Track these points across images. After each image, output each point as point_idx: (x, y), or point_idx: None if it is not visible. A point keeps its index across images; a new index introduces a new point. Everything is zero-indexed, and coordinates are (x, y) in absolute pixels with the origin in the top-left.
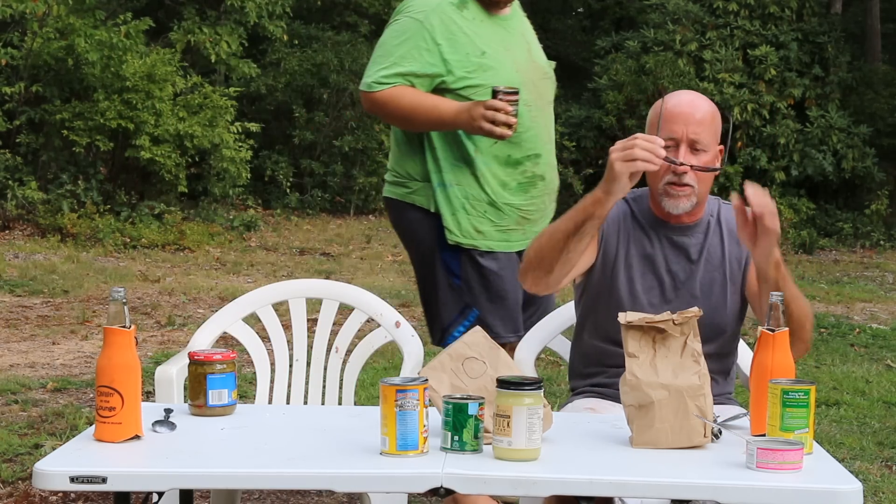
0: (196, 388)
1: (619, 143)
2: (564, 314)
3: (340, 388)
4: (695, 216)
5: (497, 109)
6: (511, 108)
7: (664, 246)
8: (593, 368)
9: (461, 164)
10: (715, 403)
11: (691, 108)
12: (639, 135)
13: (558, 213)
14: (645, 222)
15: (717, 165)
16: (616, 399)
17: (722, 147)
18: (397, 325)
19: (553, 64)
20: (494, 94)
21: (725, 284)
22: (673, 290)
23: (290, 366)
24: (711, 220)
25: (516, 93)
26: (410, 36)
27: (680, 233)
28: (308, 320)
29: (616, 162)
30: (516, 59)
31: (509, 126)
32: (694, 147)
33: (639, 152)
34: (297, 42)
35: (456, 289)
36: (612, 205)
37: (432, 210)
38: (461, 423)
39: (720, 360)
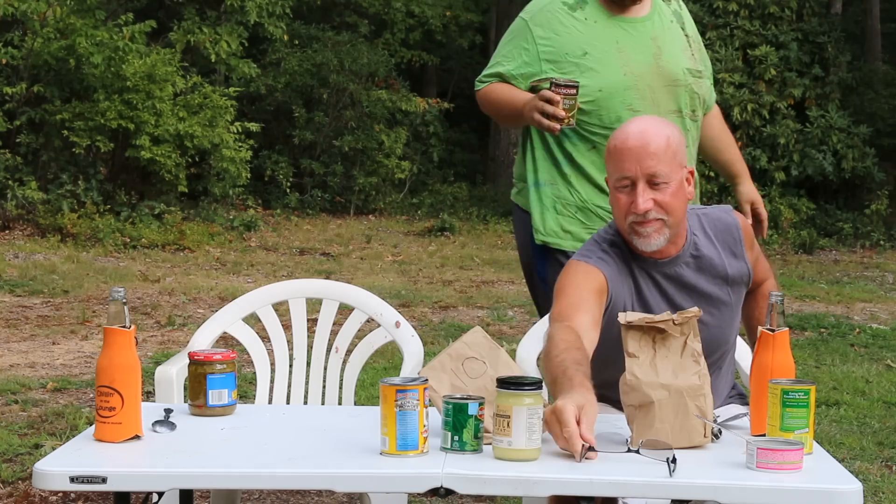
0: (196, 388)
1: (548, 416)
2: None
3: (340, 388)
4: (679, 244)
5: (548, 101)
6: (558, 99)
7: (660, 283)
8: None
9: (557, 165)
10: (724, 404)
11: (642, 141)
12: (569, 426)
13: None
14: (635, 263)
15: (690, 189)
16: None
17: (692, 169)
18: (397, 325)
19: (697, 71)
20: (552, 85)
21: (731, 302)
22: None
23: (290, 366)
24: (698, 238)
25: (573, 86)
26: (515, 35)
27: (670, 265)
28: (308, 320)
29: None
30: (629, 62)
31: (559, 119)
32: (653, 182)
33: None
34: (297, 42)
35: (543, 292)
36: None
37: (528, 210)
38: (461, 423)
39: (728, 370)
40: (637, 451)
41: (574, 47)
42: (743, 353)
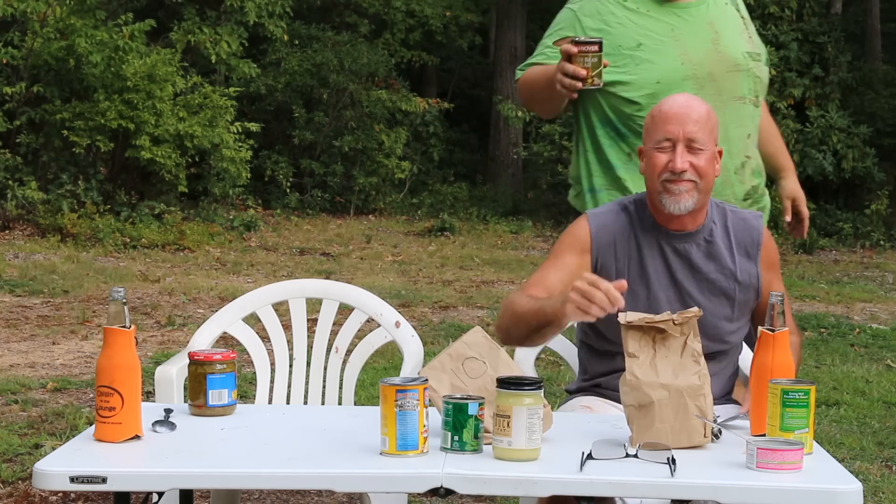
0: (196, 388)
1: (581, 285)
2: None
3: (340, 388)
4: (697, 221)
5: (570, 59)
6: (575, 51)
7: (667, 255)
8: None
9: (611, 168)
10: (717, 404)
11: (687, 109)
12: (602, 283)
13: None
14: (644, 231)
15: (717, 167)
16: (614, 399)
17: (721, 149)
18: (397, 325)
19: (756, 54)
20: (572, 43)
21: (734, 298)
22: (679, 301)
23: (290, 366)
24: (715, 227)
25: (595, 43)
26: (563, 27)
27: (682, 240)
28: (308, 320)
29: (570, 305)
30: (687, 50)
31: (581, 78)
32: (691, 146)
33: (595, 309)
34: (297, 42)
35: None
36: (567, 324)
37: None
38: (461, 423)
39: (724, 373)
40: (636, 456)
41: (627, 39)
42: (742, 352)
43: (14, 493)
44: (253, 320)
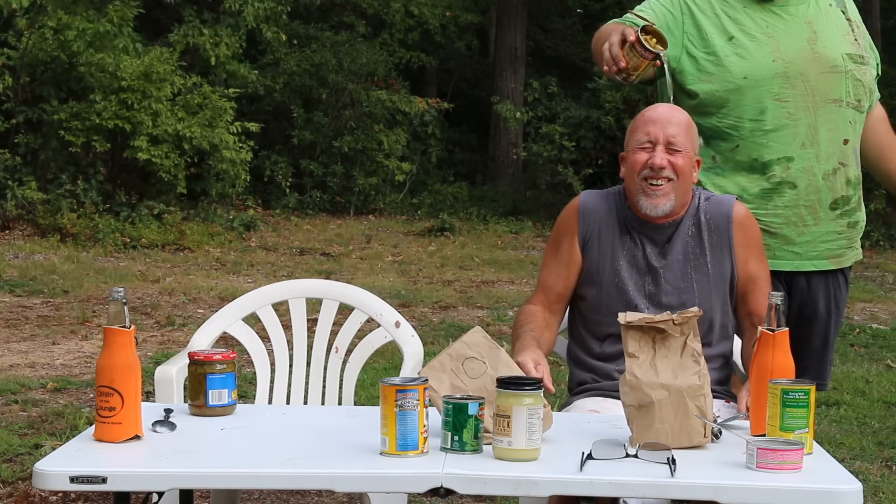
0: (196, 388)
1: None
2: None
3: (340, 388)
4: (674, 216)
5: (624, 41)
6: (632, 39)
7: (643, 242)
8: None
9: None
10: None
11: (668, 115)
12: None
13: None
14: (623, 219)
15: (695, 175)
16: (615, 393)
17: (700, 158)
18: (397, 325)
19: (859, 56)
20: (641, 29)
21: (709, 276)
22: (654, 284)
23: (290, 366)
24: (687, 213)
25: (651, 53)
26: (668, 9)
27: (657, 231)
28: (308, 320)
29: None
30: (780, 48)
31: (618, 66)
32: (670, 147)
33: None
34: (295, 42)
35: None
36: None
37: None
38: (461, 423)
39: (715, 358)
40: (636, 456)
41: (718, 30)
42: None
43: (14, 493)
44: (253, 320)
